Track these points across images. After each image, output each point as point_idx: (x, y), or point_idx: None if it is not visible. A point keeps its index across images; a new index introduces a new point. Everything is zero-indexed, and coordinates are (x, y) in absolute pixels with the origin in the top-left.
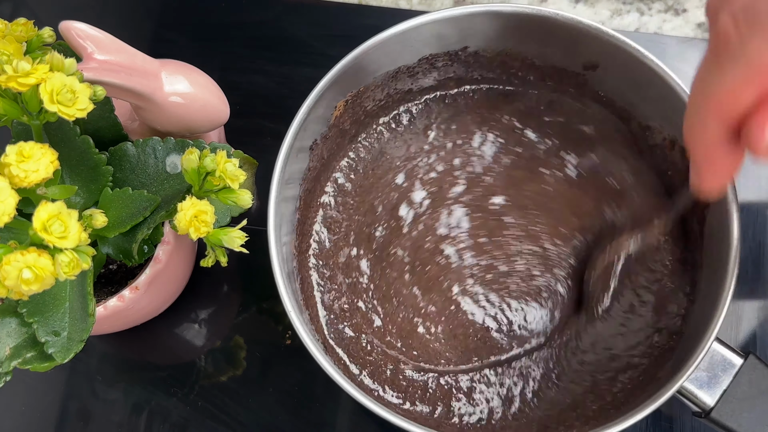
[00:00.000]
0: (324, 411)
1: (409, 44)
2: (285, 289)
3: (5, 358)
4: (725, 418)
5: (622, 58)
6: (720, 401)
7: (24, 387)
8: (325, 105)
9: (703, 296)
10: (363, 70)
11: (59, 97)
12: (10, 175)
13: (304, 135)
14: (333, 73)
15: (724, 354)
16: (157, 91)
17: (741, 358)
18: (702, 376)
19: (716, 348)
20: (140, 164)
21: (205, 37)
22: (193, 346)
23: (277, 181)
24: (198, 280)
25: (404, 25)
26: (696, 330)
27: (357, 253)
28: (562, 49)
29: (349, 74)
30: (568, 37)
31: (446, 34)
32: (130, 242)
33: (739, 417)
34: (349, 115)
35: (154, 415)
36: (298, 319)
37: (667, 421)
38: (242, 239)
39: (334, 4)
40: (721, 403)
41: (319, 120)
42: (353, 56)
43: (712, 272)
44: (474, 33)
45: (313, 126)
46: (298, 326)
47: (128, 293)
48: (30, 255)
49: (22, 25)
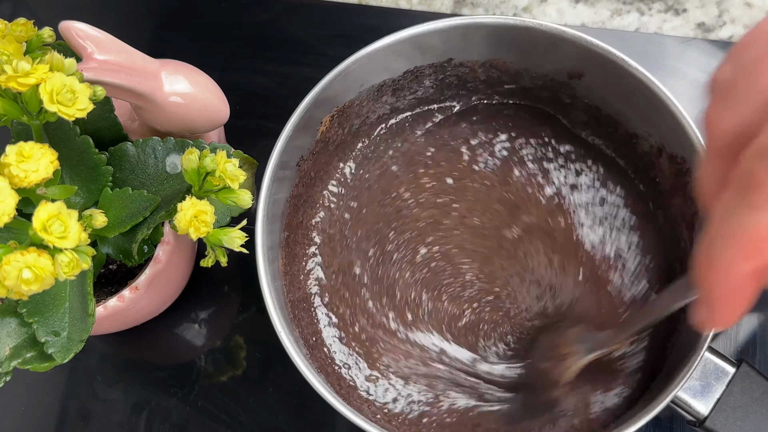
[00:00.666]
0: (324, 411)
1: (392, 58)
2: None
3: (5, 358)
4: (719, 426)
5: (606, 66)
6: (714, 410)
7: (24, 387)
8: (309, 119)
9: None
10: (347, 85)
11: (59, 97)
12: (10, 175)
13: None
14: (316, 91)
15: (716, 362)
16: (157, 91)
17: (733, 367)
18: (695, 385)
19: (708, 357)
20: (140, 164)
21: (205, 37)
22: (193, 346)
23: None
24: (198, 280)
25: (388, 39)
26: (688, 339)
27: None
28: (548, 60)
29: (334, 89)
30: (552, 46)
31: (430, 45)
32: (130, 242)
33: (733, 425)
34: (335, 130)
35: (154, 415)
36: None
37: (668, 420)
38: (242, 239)
39: (334, 4)
40: (715, 412)
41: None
42: (337, 72)
43: None
44: (457, 45)
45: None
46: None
47: (128, 293)
48: (30, 255)
49: (21, 25)
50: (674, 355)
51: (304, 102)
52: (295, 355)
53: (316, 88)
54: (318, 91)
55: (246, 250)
